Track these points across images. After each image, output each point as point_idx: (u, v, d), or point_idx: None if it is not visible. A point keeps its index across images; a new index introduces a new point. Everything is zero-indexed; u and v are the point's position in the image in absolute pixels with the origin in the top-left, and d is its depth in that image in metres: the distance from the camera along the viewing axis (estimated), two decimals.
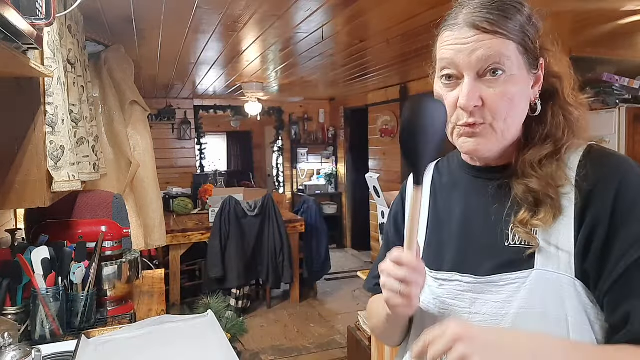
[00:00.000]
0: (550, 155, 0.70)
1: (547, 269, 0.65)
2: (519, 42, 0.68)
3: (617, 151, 0.74)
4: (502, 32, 0.67)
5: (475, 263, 0.73)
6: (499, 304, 0.68)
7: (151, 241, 2.60)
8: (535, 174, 0.68)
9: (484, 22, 0.67)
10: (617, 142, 3.27)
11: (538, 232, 0.67)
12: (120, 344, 1.33)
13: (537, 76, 0.72)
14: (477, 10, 0.69)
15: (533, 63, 0.70)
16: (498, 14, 0.67)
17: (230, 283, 4.03)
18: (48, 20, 0.92)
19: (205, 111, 6.37)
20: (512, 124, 0.70)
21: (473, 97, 0.68)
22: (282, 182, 6.93)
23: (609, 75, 3.44)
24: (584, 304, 0.64)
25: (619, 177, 0.64)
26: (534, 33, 0.70)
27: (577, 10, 2.43)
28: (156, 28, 2.57)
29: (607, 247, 0.63)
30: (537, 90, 0.72)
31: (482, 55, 0.67)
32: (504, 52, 0.67)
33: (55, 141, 1.25)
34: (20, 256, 1.37)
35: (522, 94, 0.70)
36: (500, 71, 0.67)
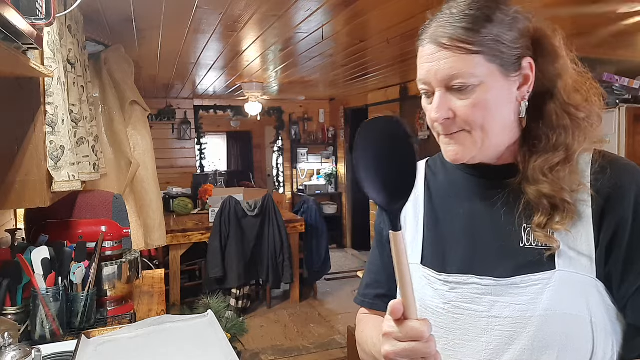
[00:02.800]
0: (562, 162, 0.68)
1: (570, 269, 0.65)
2: (486, 51, 0.66)
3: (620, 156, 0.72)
4: (463, 46, 0.66)
5: (492, 265, 0.71)
6: (522, 307, 0.66)
7: (151, 241, 2.60)
8: (547, 180, 0.68)
9: (444, 38, 0.67)
10: (617, 142, 3.26)
11: (556, 234, 0.67)
12: (120, 344, 1.33)
13: (524, 76, 0.70)
14: (440, 26, 0.69)
15: (511, 66, 0.68)
16: (460, 28, 0.67)
17: (230, 283, 4.02)
18: (48, 20, 0.92)
19: (205, 111, 6.37)
20: (492, 130, 0.69)
21: (441, 111, 0.69)
22: (282, 182, 6.93)
23: (609, 75, 3.44)
24: (606, 305, 0.64)
25: (638, 183, 0.65)
26: (512, 36, 0.68)
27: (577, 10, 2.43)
28: (156, 28, 2.57)
29: (632, 251, 0.63)
30: (525, 90, 0.71)
31: (444, 73, 0.67)
32: (465, 67, 0.66)
33: (55, 141, 1.25)
34: (20, 256, 1.37)
35: (499, 99, 0.69)
36: (466, 85, 0.67)
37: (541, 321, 0.65)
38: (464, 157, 0.72)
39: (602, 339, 0.63)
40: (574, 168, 0.68)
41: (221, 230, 4.00)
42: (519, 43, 0.69)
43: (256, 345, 3.64)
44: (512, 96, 0.70)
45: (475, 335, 0.70)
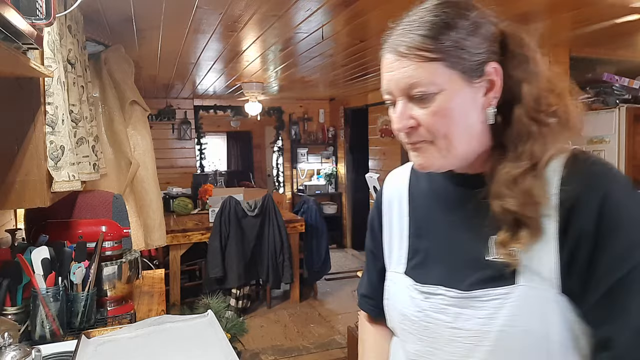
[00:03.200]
0: (526, 172, 0.65)
1: (531, 284, 0.63)
2: (445, 58, 0.65)
3: (601, 159, 0.68)
4: (421, 54, 0.65)
5: (459, 277, 0.71)
6: (482, 320, 0.66)
7: (151, 241, 2.60)
8: (511, 193, 0.65)
9: (402, 47, 0.66)
10: (617, 142, 3.27)
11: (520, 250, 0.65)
12: (120, 344, 1.33)
13: (489, 82, 0.68)
14: (399, 34, 0.68)
15: (474, 72, 0.66)
16: (418, 35, 0.65)
17: (230, 283, 4.02)
18: (48, 20, 0.92)
19: (205, 111, 6.37)
20: (456, 139, 0.67)
21: (403, 120, 0.68)
22: (282, 182, 6.93)
23: (609, 75, 3.44)
24: (569, 321, 0.62)
25: (601, 192, 0.61)
26: (475, 41, 0.66)
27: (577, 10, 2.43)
28: (156, 28, 2.57)
29: (591, 265, 0.61)
30: (492, 96, 0.68)
31: (403, 82, 0.66)
32: (424, 76, 0.65)
33: (55, 141, 1.25)
34: (20, 256, 1.37)
35: (463, 107, 0.67)
36: (426, 93, 0.65)
37: (498, 337, 0.64)
38: (430, 167, 0.71)
39: (559, 356, 0.62)
40: (540, 178, 0.65)
41: (221, 230, 4.00)
42: (482, 48, 0.67)
43: (256, 345, 3.64)
44: (478, 103, 0.68)
45: (442, 344, 0.71)
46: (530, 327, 0.62)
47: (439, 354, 0.71)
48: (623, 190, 0.62)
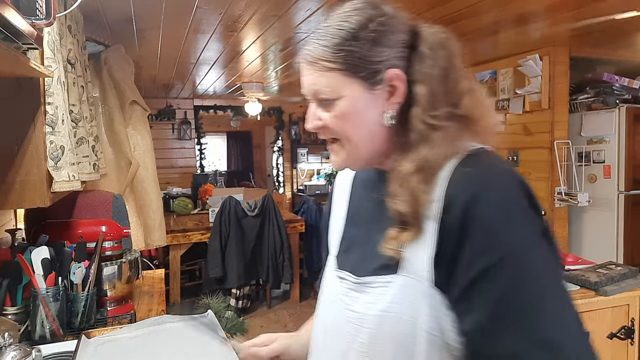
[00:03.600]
0: (414, 173, 0.68)
1: (410, 275, 0.67)
2: (344, 68, 0.69)
3: (491, 161, 0.69)
4: (321, 63, 0.70)
5: (365, 264, 0.76)
6: (367, 305, 0.71)
7: (151, 241, 2.60)
8: (403, 195, 0.68)
9: (307, 56, 0.72)
10: (617, 142, 3.27)
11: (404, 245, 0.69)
12: (120, 344, 1.33)
13: (391, 87, 0.71)
14: (307, 44, 0.73)
15: (374, 80, 0.70)
16: (320, 46, 0.70)
17: (230, 283, 4.02)
18: (48, 20, 0.92)
19: (205, 111, 6.37)
20: (358, 140, 0.73)
21: (311, 121, 0.75)
22: (282, 182, 6.93)
23: (609, 75, 3.44)
24: (437, 312, 0.65)
25: (470, 193, 0.63)
26: (376, 51, 0.69)
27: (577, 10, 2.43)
28: (156, 28, 2.57)
29: (454, 262, 0.64)
30: (394, 101, 0.71)
31: (309, 88, 0.73)
32: (325, 83, 0.70)
33: (55, 141, 1.25)
34: (20, 256, 1.37)
35: (363, 112, 0.71)
36: (329, 99, 0.71)
37: (376, 320, 0.69)
38: (340, 165, 0.77)
39: (426, 343, 0.65)
40: (427, 181, 0.67)
41: (221, 230, 4.00)
42: (382, 56, 0.70)
43: None
44: (379, 107, 0.72)
45: (343, 323, 0.77)
46: (402, 315, 0.67)
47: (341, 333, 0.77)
48: (493, 195, 0.63)
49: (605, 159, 3.35)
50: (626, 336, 1.80)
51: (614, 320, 1.81)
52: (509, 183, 0.65)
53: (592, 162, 3.42)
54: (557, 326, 0.59)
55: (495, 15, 2.45)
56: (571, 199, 3.25)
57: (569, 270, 2.01)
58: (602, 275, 1.87)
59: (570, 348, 0.59)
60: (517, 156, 3.66)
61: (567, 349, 0.59)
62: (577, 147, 3.42)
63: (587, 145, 3.44)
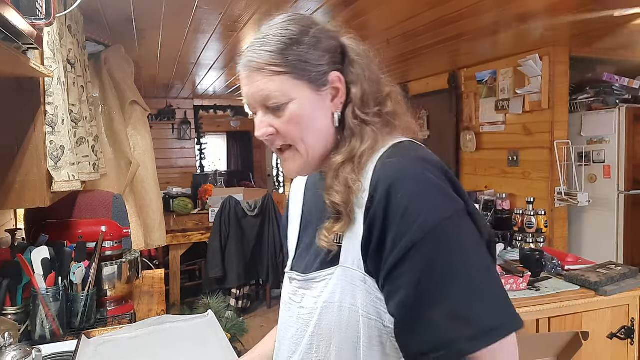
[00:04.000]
0: (347, 162, 0.73)
1: (346, 265, 0.71)
2: (292, 71, 0.72)
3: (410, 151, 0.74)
4: (270, 68, 0.72)
5: (306, 262, 0.81)
6: (314, 299, 0.76)
7: (151, 241, 2.60)
8: (336, 185, 0.72)
9: (251, 62, 0.74)
10: (617, 142, 3.27)
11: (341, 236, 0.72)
12: (120, 344, 1.33)
13: (334, 89, 0.75)
14: (248, 50, 0.75)
15: (319, 82, 0.74)
16: (266, 52, 0.72)
17: (230, 283, 4.02)
18: (48, 20, 0.92)
19: (205, 111, 6.37)
20: (313, 142, 0.75)
21: (262, 128, 0.76)
22: (282, 182, 6.93)
23: (609, 75, 3.44)
24: (373, 297, 0.69)
25: (391, 179, 0.67)
26: (317, 55, 0.74)
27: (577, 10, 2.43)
28: (156, 28, 2.57)
29: (379, 247, 0.67)
30: (338, 102, 0.76)
31: (258, 95, 0.74)
32: (275, 88, 0.72)
33: (55, 141, 1.25)
34: (20, 256, 1.37)
35: (313, 113, 0.74)
36: (279, 104, 0.73)
37: (321, 311, 0.73)
38: (297, 171, 0.79)
39: (367, 328, 0.69)
40: (357, 171, 0.71)
41: (221, 230, 4.00)
42: (323, 60, 0.74)
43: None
44: (327, 109, 0.76)
45: (293, 322, 0.81)
46: (343, 302, 0.71)
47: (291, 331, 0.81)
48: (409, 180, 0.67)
49: (605, 159, 3.35)
50: (626, 336, 1.80)
51: (614, 320, 1.81)
52: (425, 168, 0.68)
53: (592, 162, 3.42)
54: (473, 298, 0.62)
55: (495, 15, 2.45)
56: (571, 199, 3.25)
57: (569, 270, 2.01)
58: (602, 275, 1.87)
59: (485, 318, 0.62)
60: (517, 156, 3.65)
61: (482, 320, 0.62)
62: (577, 147, 3.42)
63: (587, 145, 3.44)
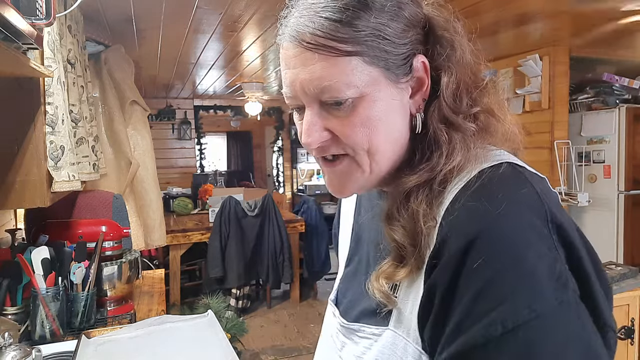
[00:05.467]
0: (423, 186, 0.51)
1: (398, 331, 0.53)
2: (364, 51, 0.49)
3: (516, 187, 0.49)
4: (333, 45, 0.49)
5: (353, 305, 0.64)
6: (354, 357, 0.59)
7: (151, 241, 2.60)
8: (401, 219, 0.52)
9: (307, 35, 0.50)
10: (617, 142, 3.27)
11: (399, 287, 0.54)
12: (120, 344, 1.33)
13: (417, 80, 0.54)
14: (303, 16, 0.51)
15: (400, 69, 0.52)
16: (327, 20, 0.49)
17: (230, 283, 4.03)
18: (48, 20, 0.92)
19: (205, 111, 6.37)
20: (382, 154, 0.53)
21: (314, 133, 0.53)
22: (282, 182, 6.93)
23: (609, 75, 3.45)
24: None
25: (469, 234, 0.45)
26: (398, 28, 0.51)
27: (577, 10, 2.43)
28: (156, 28, 2.57)
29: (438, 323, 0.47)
30: (420, 98, 0.55)
31: (312, 85, 0.51)
32: (339, 75, 0.49)
33: (55, 141, 1.25)
34: (20, 256, 1.37)
35: (388, 114, 0.52)
36: (343, 99, 0.51)
37: None
38: (349, 189, 0.57)
39: None
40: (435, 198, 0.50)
41: (221, 230, 4.00)
42: (407, 37, 0.52)
43: (256, 345, 3.64)
44: (405, 108, 0.54)
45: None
46: None
47: None
48: (497, 247, 0.44)
49: (605, 159, 3.35)
50: (626, 336, 1.80)
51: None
52: (529, 225, 0.44)
53: (592, 162, 3.42)
54: None
55: (495, 15, 2.45)
56: (571, 199, 3.25)
57: None
58: None
59: None
60: (516, 156, 3.66)
61: None
62: (577, 147, 3.42)
63: (587, 145, 3.44)
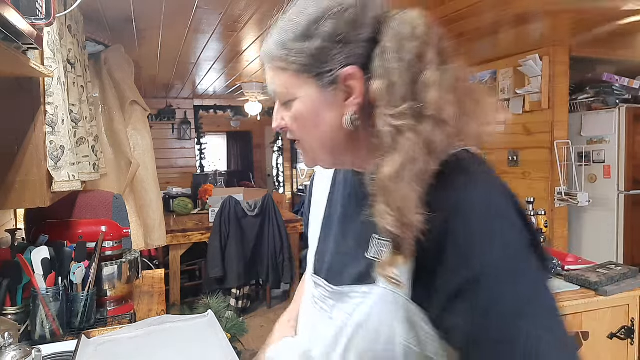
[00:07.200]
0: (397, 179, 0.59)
1: (389, 288, 0.63)
2: (297, 67, 0.66)
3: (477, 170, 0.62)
4: (275, 63, 0.68)
5: (339, 271, 0.74)
6: (346, 315, 0.68)
7: (151, 241, 2.60)
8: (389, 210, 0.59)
9: (264, 55, 0.71)
10: (617, 142, 3.27)
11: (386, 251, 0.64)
12: (120, 344, 1.33)
13: (348, 87, 0.65)
14: (267, 40, 0.71)
15: (328, 79, 0.65)
16: (273, 44, 0.68)
17: (230, 283, 4.02)
18: (48, 20, 0.92)
19: (205, 111, 6.37)
20: (315, 142, 0.70)
21: (276, 120, 0.74)
22: (282, 182, 6.93)
23: (609, 75, 3.45)
24: (416, 326, 0.62)
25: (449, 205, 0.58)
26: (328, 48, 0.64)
27: (577, 10, 2.43)
28: (156, 28, 2.57)
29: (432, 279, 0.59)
30: (353, 102, 0.65)
31: (269, 88, 0.72)
32: (281, 84, 0.69)
33: (55, 141, 1.25)
34: (20, 256, 1.37)
35: (317, 112, 0.67)
36: (285, 100, 0.70)
37: (353, 331, 0.67)
38: (309, 165, 0.75)
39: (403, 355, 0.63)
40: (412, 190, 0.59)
41: (221, 230, 4.00)
42: (338, 53, 0.64)
43: (256, 345, 3.64)
44: (337, 108, 0.66)
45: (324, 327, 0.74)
46: (380, 327, 0.64)
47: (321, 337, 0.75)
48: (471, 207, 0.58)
49: (605, 159, 3.35)
50: (626, 336, 1.80)
51: (614, 320, 1.81)
52: (490, 192, 0.59)
53: (592, 162, 3.42)
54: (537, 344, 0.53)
55: (495, 15, 2.45)
56: (571, 199, 3.25)
57: (569, 270, 2.01)
58: (602, 275, 1.87)
59: None
60: (517, 156, 3.66)
61: None
62: (577, 147, 3.42)
63: (587, 145, 3.44)
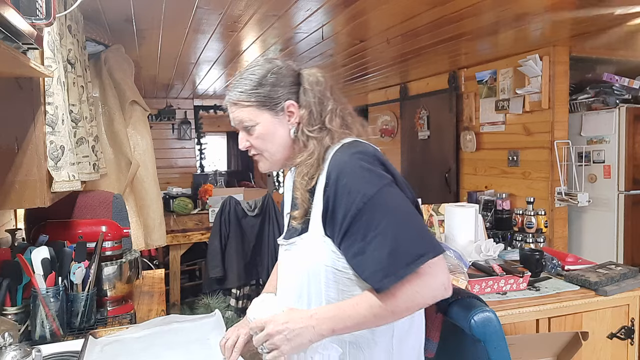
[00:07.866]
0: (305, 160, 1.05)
1: (312, 231, 1.03)
2: (256, 104, 1.07)
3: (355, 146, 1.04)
4: (241, 103, 1.09)
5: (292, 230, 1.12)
6: (294, 256, 1.09)
7: (151, 241, 2.60)
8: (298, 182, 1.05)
9: (231, 99, 1.11)
10: (617, 142, 3.27)
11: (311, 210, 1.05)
12: (126, 344, 1.32)
13: (289, 112, 1.09)
14: (230, 91, 1.11)
15: (276, 109, 1.08)
16: (238, 91, 1.09)
17: (231, 283, 4.02)
18: (48, 20, 0.92)
19: (205, 111, 6.36)
20: (274, 150, 1.11)
21: (242, 143, 1.13)
22: (282, 182, 6.92)
23: (609, 75, 3.44)
24: (331, 253, 1.00)
25: (338, 168, 0.99)
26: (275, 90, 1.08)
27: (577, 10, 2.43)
28: (156, 28, 2.57)
29: (334, 217, 0.98)
30: (294, 121, 1.09)
31: (235, 121, 1.12)
32: (246, 116, 1.09)
33: (55, 141, 1.25)
34: (20, 256, 1.37)
35: (274, 132, 1.09)
36: (249, 126, 1.09)
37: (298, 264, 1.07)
38: (265, 170, 1.15)
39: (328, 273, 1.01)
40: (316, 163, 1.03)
41: (221, 230, 4.00)
42: (280, 93, 1.08)
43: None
44: (285, 127, 1.10)
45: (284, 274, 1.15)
46: (311, 257, 1.03)
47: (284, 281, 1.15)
48: (349, 166, 0.98)
49: (605, 159, 3.35)
50: (626, 336, 1.80)
51: (614, 320, 1.81)
52: (360, 158, 0.99)
53: (592, 162, 3.42)
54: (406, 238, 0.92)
55: (495, 15, 2.45)
56: (571, 199, 3.25)
57: (569, 270, 2.01)
58: (602, 275, 1.87)
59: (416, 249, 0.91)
60: (517, 156, 3.65)
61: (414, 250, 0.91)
62: (577, 147, 3.42)
63: (587, 145, 3.44)
